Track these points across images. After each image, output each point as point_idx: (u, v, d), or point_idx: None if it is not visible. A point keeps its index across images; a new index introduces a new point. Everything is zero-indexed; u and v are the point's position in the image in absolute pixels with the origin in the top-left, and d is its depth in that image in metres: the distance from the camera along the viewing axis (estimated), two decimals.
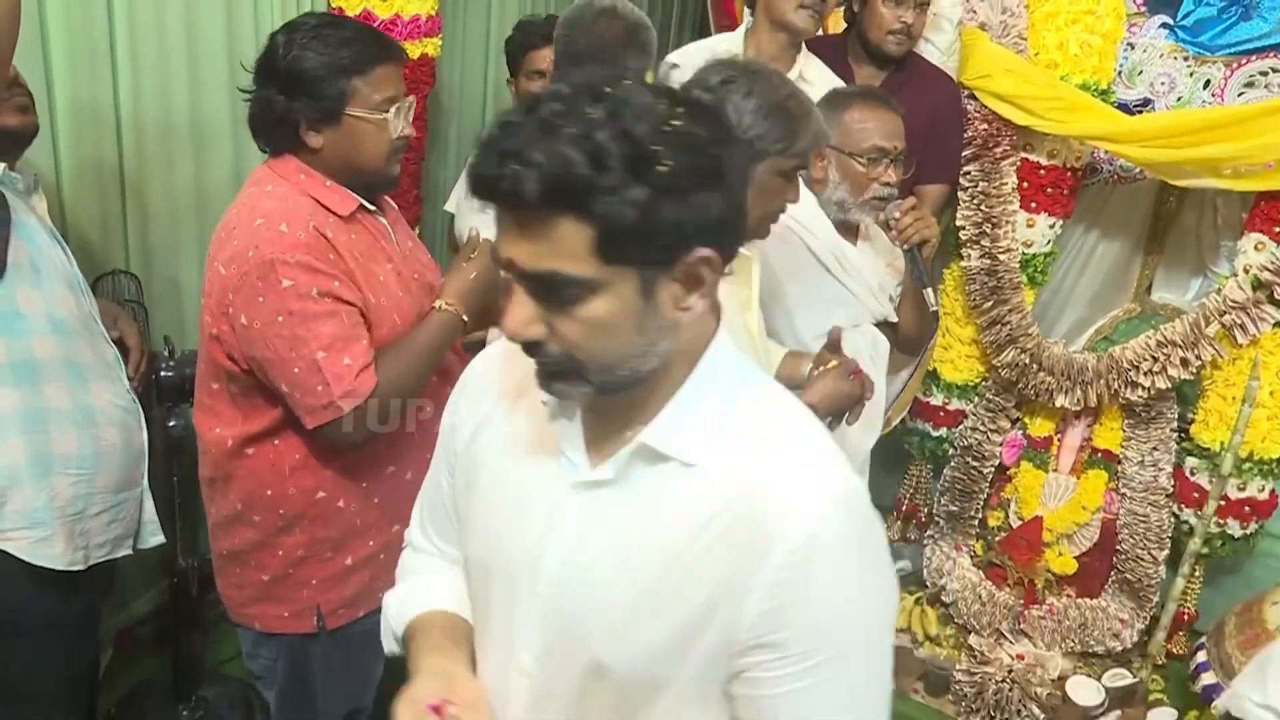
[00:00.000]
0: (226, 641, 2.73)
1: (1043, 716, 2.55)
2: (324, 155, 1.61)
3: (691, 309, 0.86)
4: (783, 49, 2.41)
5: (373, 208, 1.71)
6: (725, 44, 2.52)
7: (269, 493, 1.65)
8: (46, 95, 2.15)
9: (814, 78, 2.44)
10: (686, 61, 2.08)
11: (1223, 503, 2.62)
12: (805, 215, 1.99)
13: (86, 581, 1.73)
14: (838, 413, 1.71)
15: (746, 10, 2.51)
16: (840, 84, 2.45)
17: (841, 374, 1.71)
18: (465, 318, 1.71)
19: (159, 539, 1.91)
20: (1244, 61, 2.48)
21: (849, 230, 2.07)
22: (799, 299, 1.98)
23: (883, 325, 2.13)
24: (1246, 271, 2.47)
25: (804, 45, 2.47)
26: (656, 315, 0.84)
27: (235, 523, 1.71)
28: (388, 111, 1.61)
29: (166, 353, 2.18)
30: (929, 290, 2.18)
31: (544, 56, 2.68)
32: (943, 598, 2.84)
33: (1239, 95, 2.49)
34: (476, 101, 3.28)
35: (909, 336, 2.22)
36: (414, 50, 2.62)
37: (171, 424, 2.19)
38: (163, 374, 2.13)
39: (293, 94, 1.56)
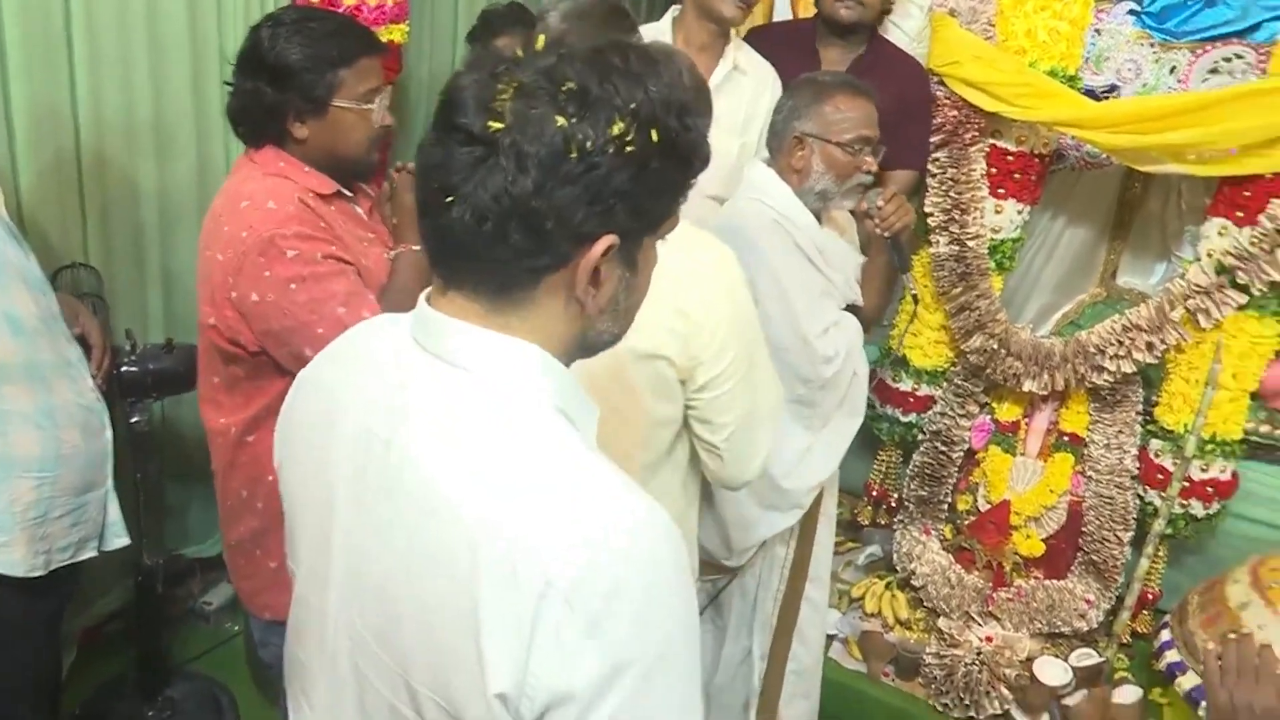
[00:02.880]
0: (193, 639, 2.72)
1: (1011, 697, 2.58)
2: (309, 145, 1.67)
3: None
4: (712, 38, 2.40)
5: (350, 194, 1.77)
6: (651, 33, 2.50)
7: (271, 478, 1.66)
8: (2, 91, 2.10)
9: (747, 66, 2.44)
10: None
11: (1186, 484, 2.66)
12: (787, 208, 2.00)
13: (49, 585, 1.71)
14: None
15: None
16: (771, 71, 2.46)
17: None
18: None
19: (124, 540, 1.89)
20: (1208, 48, 2.50)
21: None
22: (799, 292, 2.00)
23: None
24: (1210, 256, 2.50)
25: (733, 33, 2.45)
26: None
27: (241, 511, 1.74)
28: (372, 102, 1.67)
29: (129, 347, 2.14)
30: (907, 275, 2.28)
31: (505, 44, 2.66)
32: (913, 582, 2.86)
33: (1204, 81, 2.51)
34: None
35: (872, 319, 2.26)
36: (381, 37, 2.58)
37: (134, 420, 2.16)
38: (124, 369, 2.09)
39: (281, 87, 1.61)
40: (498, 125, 0.80)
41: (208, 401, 1.75)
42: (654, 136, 0.83)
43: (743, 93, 2.42)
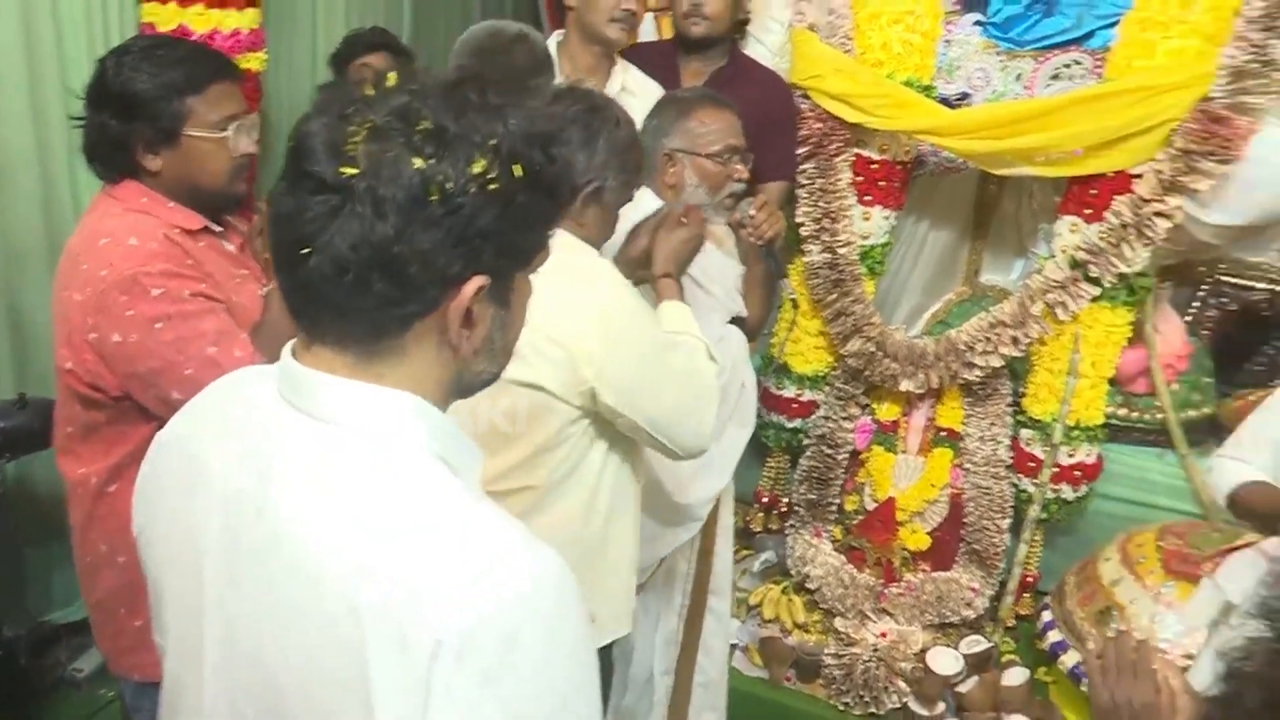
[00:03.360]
0: (66, 709, 2.55)
1: (908, 690, 2.65)
2: (164, 178, 1.60)
3: None
4: (598, 60, 2.43)
5: (219, 228, 1.70)
6: None
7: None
8: None
9: (635, 88, 2.47)
10: None
11: (1056, 469, 2.79)
12: None
13: None
14: (688, 260, 1.74)
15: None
16: (660, 91, 2.49)
17: (670, 224, 1.74)
18: None
19: None
20: (1050, 55, 2.64)
21: None
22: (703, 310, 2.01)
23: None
24: (1064, 252, 2.63)
25: (619, 56, 2.49)
26: None
27: (101, 567, 1.65)
28: (227, 130, 1.61)
29: None
30: (784, 281, 2.30)
31: (366, 64, 2.63)
32: (807, 585, 2.91)
33: (1047, 86, 2.65)
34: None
35: (756, 327, 2.31)
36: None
37: None
38: None
39: (127, 117, 1.55)
40: (351, 171, 0.77)
41: (65, 452, 1.66)
42: (517, 172, 0.81)
43: (633, 114, 2.43)
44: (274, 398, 0.88)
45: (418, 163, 0.77)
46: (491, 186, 0.80)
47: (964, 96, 2.73)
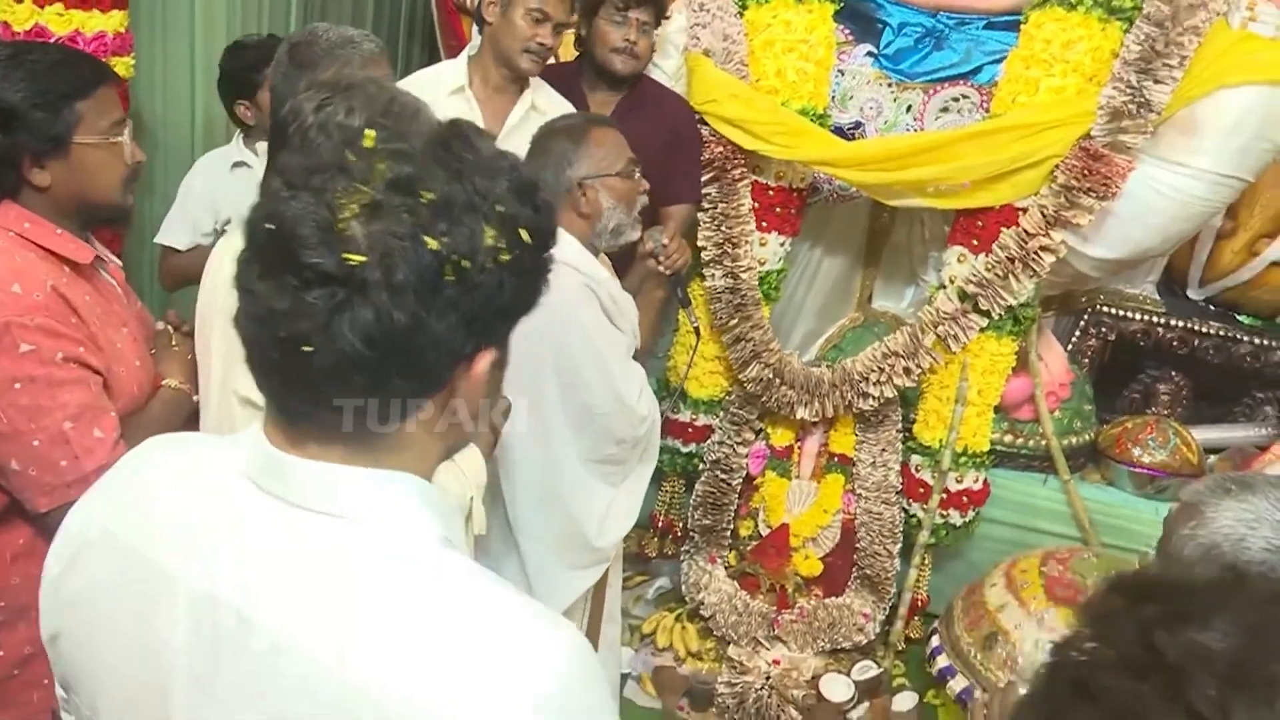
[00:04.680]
0: None
1: (800, 718, 2.64)
2: (54, 193, 1.47)
3: None
4: (508, 80, 2.38)
5: (114, 258, 1.61)
6: (448, 70, 2.44)
7: None
8: None
9: (544, 105, 2.42)
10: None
11: (944, 495, 2.83)
12: (589, 266, 1.98)
13: None
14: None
15: (475, 30, 2.45)
16: (569, 107, 2.45)
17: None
18: (195, 396, 1.61)
19: None
20: (939, 88, 2.69)
21: None
22: (613, 357, 2.01)
23: None
24: (953, 283, 2.67)
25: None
26: None
27: None
28: (121, 135, 1.50)
29: None
30: (690, 309, 2.42)
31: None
32: (701, 611, 2.89)
33: (936, 119, 2.70)
34: (184, 126, 2.99)
35: (645, 353, 2.30)
36: None
37: None
38: None
39: (9, 130, 1.42)
40: (357, 258, 0.68)
41: None
42: (523, 235, 0.75)
43: None
44: (240, 486, 0.78)
45: (431, 243, 0.70)
46: (504, 258, 0.73)
47: (857, 125, 2.76)
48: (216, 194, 2.59)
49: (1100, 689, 0.67)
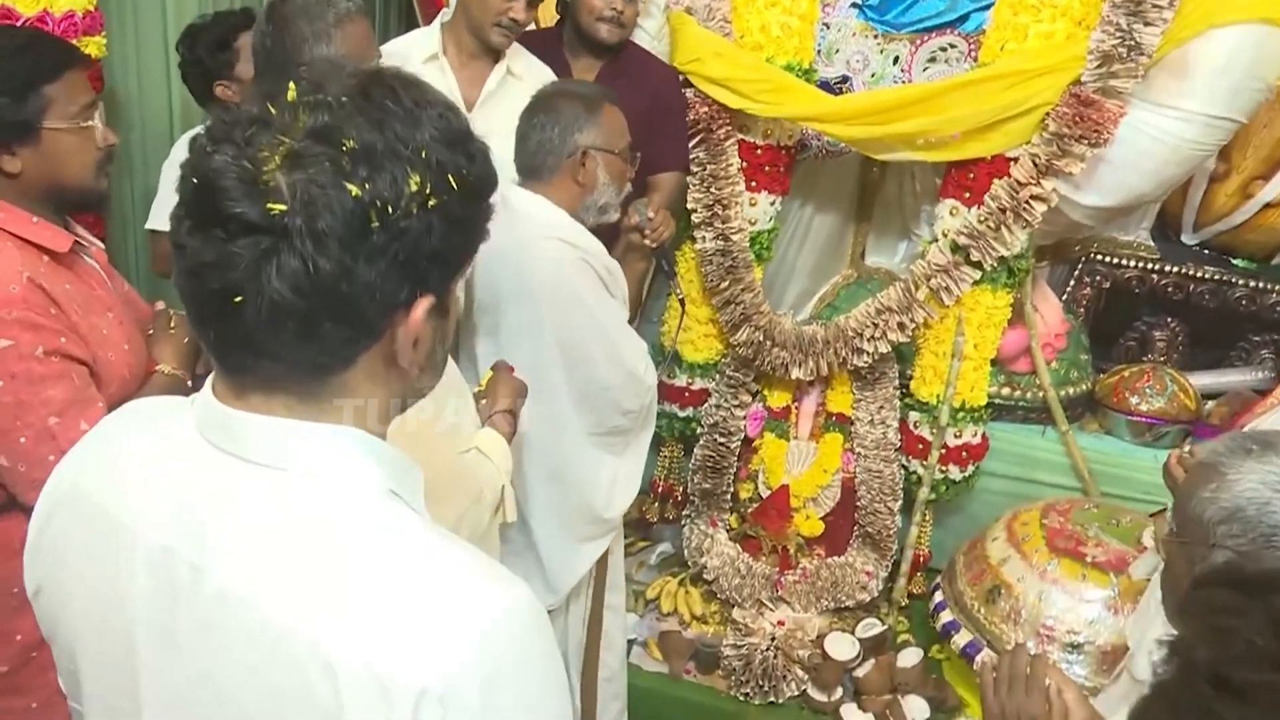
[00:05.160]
0: None
1: (806, 677, 2.65)
2: (25, 180, 1.45)
3: None
4: (481, 48, 2.33)
5: (96, 241, 1.58)
6: (421, 38, 2.40)
7: None
8: None
9: (521, 71, 2.38)
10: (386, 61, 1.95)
11: (943, 451, 2.82)
12: (584, 240, 1.97)
13: None
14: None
15: None
16: (550, 75, 2.40)
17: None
18: (189, 381, 1.61)
19: None
20: (926, 38, 2.65)
21: None
22: (615, 328, 2.01)
23: None
24: (945, 236, 2.64)
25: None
26: None
27: None
28: (92, 118, 1.48)
29: None
30: (674, 280, 2.42)
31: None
32: (704, 575, 2.89)
33: (924, 70, 2.66)
34: (160, 105, 2.94)
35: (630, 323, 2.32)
36: None
37: None
38: None
39: None
40: (280, 207, 0.69)
41: None
42: (452, 182, 0.75)
43: (518, 98, 2.34)
44: (195, 441, 0.80)
45: (353, 189, 0.71)
46: (431, 203, 0.74)
47: (844, 79, 2.73)
48: None
49: (1247, 685, 0.68)
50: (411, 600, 0.73)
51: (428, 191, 0.74)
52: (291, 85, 0.75)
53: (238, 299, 0.71)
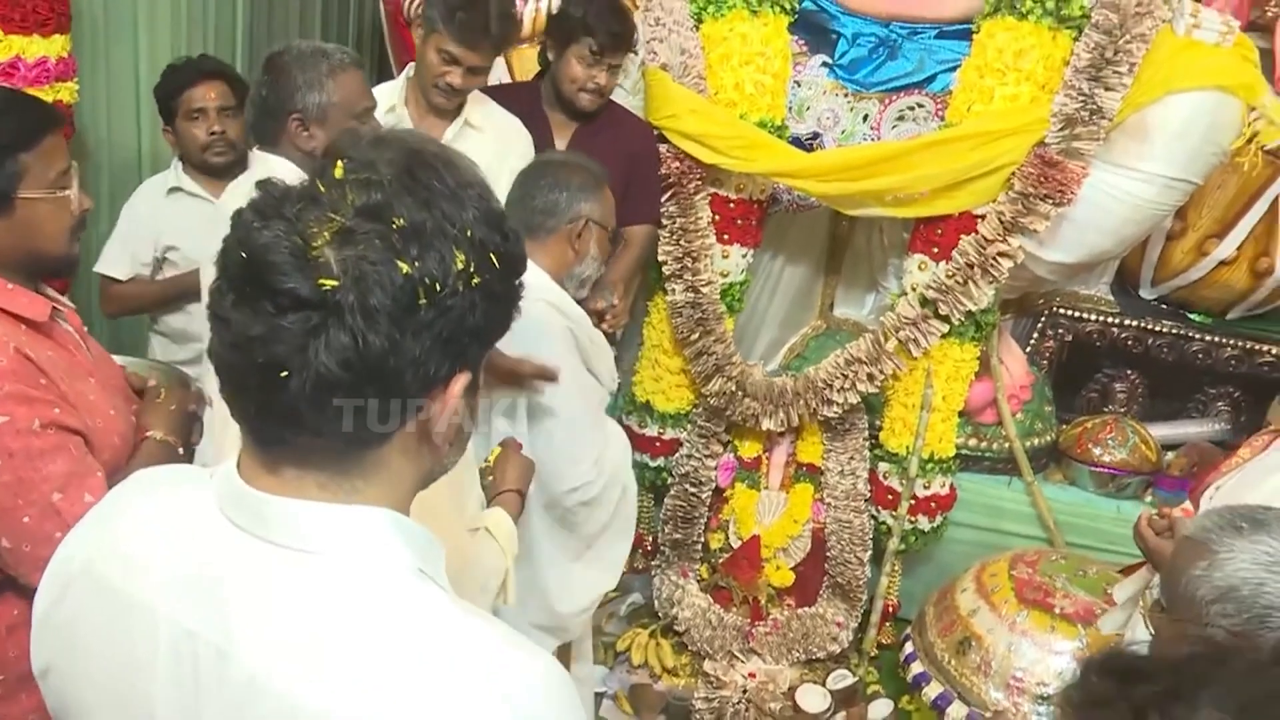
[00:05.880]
0: None
1: None
2: None
3: None
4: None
5: (69, 304, 1.52)
6: (386, 91, 2.42)
7: None
8: None
9: (480, 122, 2.41)
10: None
11: (913, 501, 2.85)
12: (568, 305, 1.95)
13: None
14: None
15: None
16: (517, 125, 2.44)
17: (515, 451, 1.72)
18: (180, 449, 1.57)
19: None
20: (894, 97, 2.71)
21: None
22: (583, 412, 1.96)
23: None
24: (914, 290, 2.69)
25: (476, 92, 2.43)
26: None
27: None
28: (68, 186, 1.42)
29: None
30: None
31: (202, 94, 2.47)
32: (675, 627, 2.87)
33: (893, 128, 2.72)
34: (130, 151, 2.92)
35: None
36: (46, 97, 2.28)
37: None
38: None
39: None
40: (331, 282, 0.70)
41: None
42: (493, 260, 0.77)
43: (479, 150, 2.35)
44: (215, 520, 0.79)
45: (404, 267, 0.72)
46: (475, 281, 0.75)
47: (815, 136, 2.77)
48: (157, 221, 2.55)
49: None
50: (447, 676, 0.73)
51: (471, 270, 0.75)
52: (339, 163, 0.76)
53: (284, 373, 0.71)
